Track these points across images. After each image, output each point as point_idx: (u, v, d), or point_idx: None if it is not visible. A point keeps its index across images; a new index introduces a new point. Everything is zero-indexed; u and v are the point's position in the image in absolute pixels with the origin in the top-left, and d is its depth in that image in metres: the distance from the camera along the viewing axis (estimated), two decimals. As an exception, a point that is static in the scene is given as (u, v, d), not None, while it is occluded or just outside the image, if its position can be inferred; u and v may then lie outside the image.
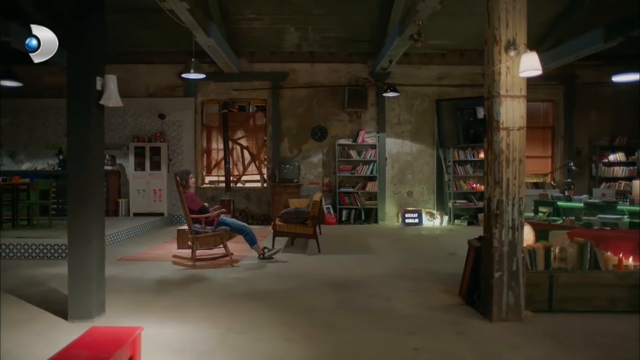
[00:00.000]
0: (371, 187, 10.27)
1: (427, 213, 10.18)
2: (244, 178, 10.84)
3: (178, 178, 5.82)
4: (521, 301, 3.81)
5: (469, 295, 4.20)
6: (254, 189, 10.64)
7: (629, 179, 10.41)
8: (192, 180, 6.00)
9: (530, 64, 3.63)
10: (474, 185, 10.36)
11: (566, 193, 7.94)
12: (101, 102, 3.79)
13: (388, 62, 9.32)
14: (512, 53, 3.79)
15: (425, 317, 3.99)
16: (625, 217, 6.86)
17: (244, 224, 6.20)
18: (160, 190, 10.01)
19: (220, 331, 3.58)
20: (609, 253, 4.21)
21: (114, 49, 10.30)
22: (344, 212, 10.26)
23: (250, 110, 10.82)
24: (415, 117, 10.60)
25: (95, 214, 3.83)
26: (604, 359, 3.17)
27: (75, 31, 3.78)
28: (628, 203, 7.02)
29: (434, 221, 10.11)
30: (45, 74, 10.09)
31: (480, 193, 10.37)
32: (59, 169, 9.76)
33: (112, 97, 3.79)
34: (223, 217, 6.08)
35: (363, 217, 10.26)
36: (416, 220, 9.99)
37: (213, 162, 10.84)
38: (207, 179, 10.79)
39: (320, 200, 6.94)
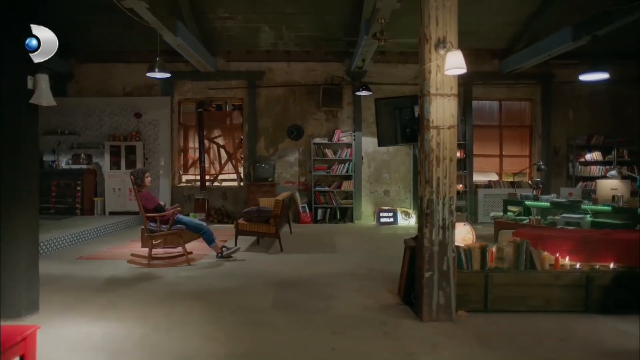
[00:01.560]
0: (347, 186, 10.27)
1: (402, 212, 10.17)
2: (220, 177, 10.85)
3: (132, 177, 5.83)
4: (452, 301, 3.81)
5: (407, 295, 4.20)
6: (230, 187, 10.65)
7: (605, 178, 10.39)
8: (148, 179, 6.00)
9: (454, 62, 3.61)
10: (450, 184, 10.32)
11: (534, 192, 7.92)
12: (31, 101, 3.79)
13: (361, 60, 9.30)
14: (441, 51, 3.77)
15: (359, 316, 3.98)
16: (588, 216, 6.85)
17: (202, 222, 6.21)
18: (135, 189, 10.00)
19: (145, 330, 3.58)
20: (545, 252, 4.20)
21: (91, 49, 10.37)
22: (320, 211, 10.26)
23: (227, 109, 10.82)
24: (391, 116, 10.57)
25: (27, 213, 3.83)
26: (518, 358, 3.16)
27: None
28: (591, 202, 7.00)
29: (409, 220, 10.10)
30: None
31: (457, 193, 10.37)
32: (34, 167, 9.78)
33: (42, 96, 3.79)
34: (180, 216, 6.09)
35: (338, 216, 10.26)
36: (391, 220, 9.99)
37: (190, 161, 10.85)
38: (184, 177, 10.80)
39: (283, 201, 6.93)
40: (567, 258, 4.19)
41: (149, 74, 7.50)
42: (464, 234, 4.34)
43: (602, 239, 4.31)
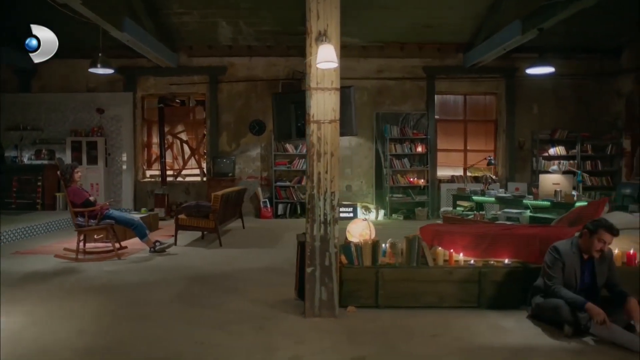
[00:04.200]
0: (308, 181, 10.24)
1: (362, 207, 10.16)
2: (184, 172, 10.89)
3: (59, 173, 5.88)
4: (334, 297, 3.80)
5: (301, 290, 4.19)
6: (193, 183, 10.69)
7: (570, 173, 10.29)
8: (78, 175, 6.04)
9: (325, 56, 3.58)
10: (412, 179, 10.31)
11: (482, 187, 7.87)
12: None
13: (317, 55, 9.24)
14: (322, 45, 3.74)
15: (249, 311, 3.99)
16: (528, 211, 6.82)
17: (133, 217, 6.25)
18: (97, 184, 10.08)
19: (23, 324, 3.62)
20: (439, 248, 4.18)
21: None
22: (280, 206, 10.27)
23: (190, 105, 10.84)
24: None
25: None
26: (375, 354, 3.15)
27: None
28: (532, 197, 6.95)
29: (369, 215, 10.08)
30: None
31: (419, 187, 10.35)
32: (-6, 163, 9.91)
33: None
34: (110, 210, 6.13)
35: (299, 211, 10.26)
36: (350, 215, 9.97)
37: (154, 157, 10.89)
38: (148, 173, 10.85)
39: (222, 196, 6.93)
40: (461, 254, 4.16)
41: (91, 70, 7.52)
42: (361, 230, 4.32)
43: (499, 234, 4.27)
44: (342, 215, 9.93)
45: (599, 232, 3.46)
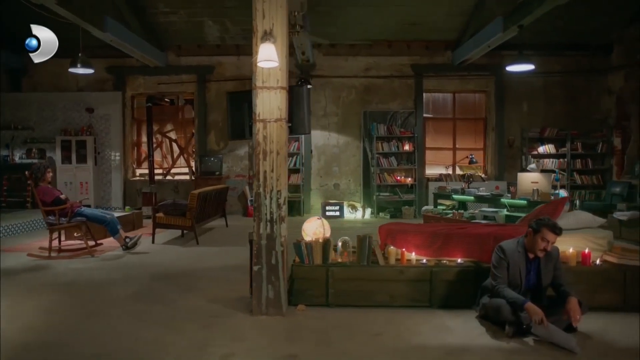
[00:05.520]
0: (294, 179, 10.26)
1: (349, 205, 10.14)
2: (174, 171, 10.96)
3: (27, 172, 5.97)
4: (281, 295, 3.80)
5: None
6: (182, 181, 10.75)
7: (549, 171, 10.17)
8: (49, 175, 6.11)
9: (266, 55, 3.57)
10: (399, 177, 10.26)
11: (462, 186, 7.81)
12: None
13: (301, 53, 9.26)
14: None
15: (200, 309, 4.01)
16: (505, 210, 6.76)
17: (105, 214, 6.30)
18: (87, 183, 10.20)
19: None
20: (392, 247, 4.16)
21: (46, 44, 10.54)
22: (267, 205, 10.27)
23: (179, 104, 10.91)
24: (341, 109, 10.52)
25: None
26: (307, 352, 3.15)
27: None
28: (510, 196, 6.88)
29: (355, 214, 10.06)
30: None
31: (407, 186, 10.30)
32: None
33: None
34: (82, 208, 6.20)
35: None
36: (337, 213, 9.97)
37: (143, 155, 10.97)
38: (138, 171, 10.94)
39: (199, 195, 6.96)
40: (413, 253, 4.13)
41: (71, 70, 7.60)
42: (315, 228, 4.31)
43: (452, 233, 4.23)
44: (328, 213, 9.94)
45: (542, 231, 3.42)
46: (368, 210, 10.15)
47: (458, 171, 10.75)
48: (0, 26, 9.29)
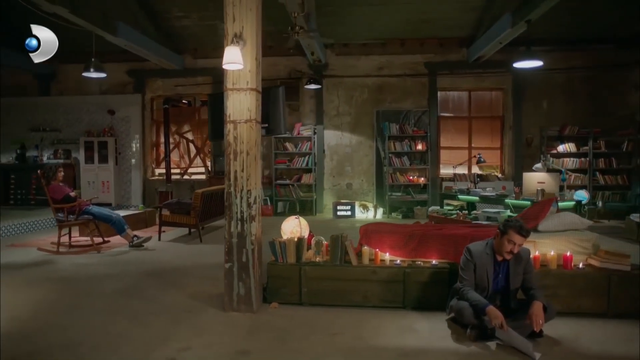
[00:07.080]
0: (307, 179, 10.32)
1: (360, 205, 10.10)
2: (190, 170, 11.26)
3: (39, 172, 6.30)
4: (252, 292, 3.86)
5: (231, 285, 4.29)
6: (198, 180, 11.02)
7: (581, 171, 9.78)
8: (61, 174, 6.43)
9: (230, 57, 3.64)
10: (411, 177, 10.13)
11: (468, 186, 7.63)
12: None
13: (311, 53, 9.31)
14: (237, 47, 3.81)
15: (177, 305, 4.13)
16: (508, 211, 6.59)
17: (111, 213, 6.56)
18: (108, 182, 10.64)
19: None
20: (365, 247, 4.14)
21: (71, 49, 11.03)
22: (280, 204, 10.41)
23: (196, 105, 11.19)
24: (354, 109, 10.50)
25: None
26: (260, 349, 3.19)
27: None
28: (514, 197, 6.69)
29: (367, 214, 10.01)
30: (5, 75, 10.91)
31: (419, 186, 10.16)
32: (16, 162, 10.68)
33: None
34: (90, 206, 6.49)
35: (298, 209, 10.34)
36: (348, 213, 9.95)
37: (162, 155, 11.32)
38: (157, 171, 11.30)
39: (203, 194, 7.12)
40: (387, 253, 4.10)
41: (84, 74, 7.95)
42: (292, 227, 4.35)
43: (428, 234, 4.16)
44: (339, 213, 9.95)
45: (509, 232, 3.32)
46: (380, 210, 10.08)
47: (477, 171, 10.50)
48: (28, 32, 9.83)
